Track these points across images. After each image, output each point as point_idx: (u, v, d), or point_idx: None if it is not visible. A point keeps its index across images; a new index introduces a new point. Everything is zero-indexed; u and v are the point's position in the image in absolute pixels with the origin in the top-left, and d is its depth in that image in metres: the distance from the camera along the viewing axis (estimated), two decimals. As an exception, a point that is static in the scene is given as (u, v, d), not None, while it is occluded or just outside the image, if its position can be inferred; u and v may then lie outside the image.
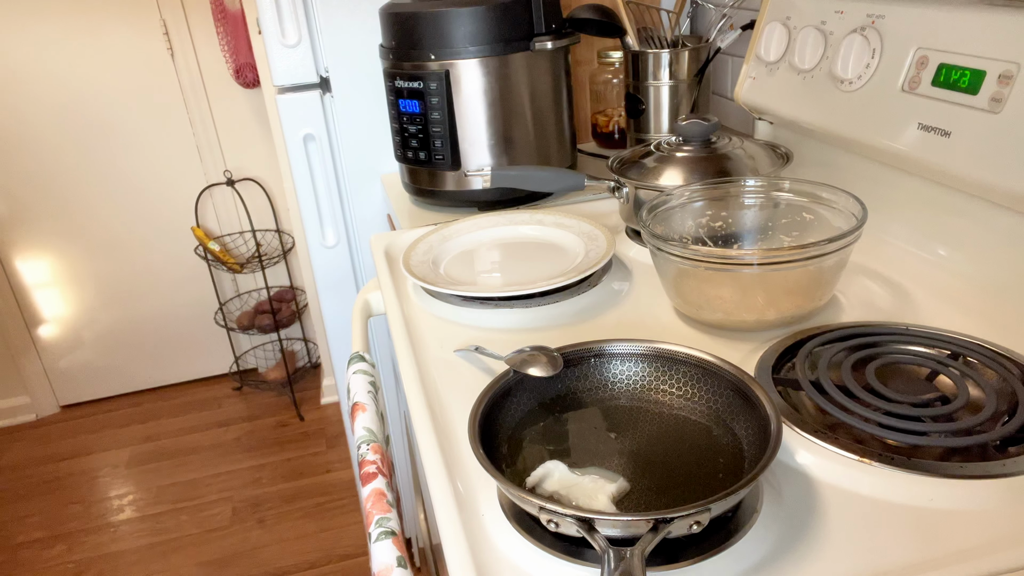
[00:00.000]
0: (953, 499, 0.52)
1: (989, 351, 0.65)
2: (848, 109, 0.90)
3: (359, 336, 0.93)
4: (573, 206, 1.13)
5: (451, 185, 1.15)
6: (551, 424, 0.61)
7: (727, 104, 1.34)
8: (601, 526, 0.46)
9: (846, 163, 0.96)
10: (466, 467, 0.60)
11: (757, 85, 1.08)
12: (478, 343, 0.75)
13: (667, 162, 0.94)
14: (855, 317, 0.76)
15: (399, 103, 1.12)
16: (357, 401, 0.78)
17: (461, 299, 0.86)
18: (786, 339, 0.71)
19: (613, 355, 0.65)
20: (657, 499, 0.52)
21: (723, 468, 0.55)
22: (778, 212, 0.85)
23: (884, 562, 0.48)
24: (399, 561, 0.55)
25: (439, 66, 1.07)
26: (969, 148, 0.73)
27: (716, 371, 0.60)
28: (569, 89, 1.19)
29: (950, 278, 0.80)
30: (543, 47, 1.09)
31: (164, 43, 2.39)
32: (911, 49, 0.82)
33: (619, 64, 1.40)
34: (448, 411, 0.68)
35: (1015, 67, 0.70)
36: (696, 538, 0.49)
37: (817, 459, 0.56)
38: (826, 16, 0.95)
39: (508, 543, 0.52)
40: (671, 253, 0.74)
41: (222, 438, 2.47)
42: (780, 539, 0.50)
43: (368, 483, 0.65)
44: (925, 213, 0.85)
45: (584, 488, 0.53)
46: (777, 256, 0.71)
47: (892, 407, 0.59)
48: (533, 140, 1.15)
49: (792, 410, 0.61)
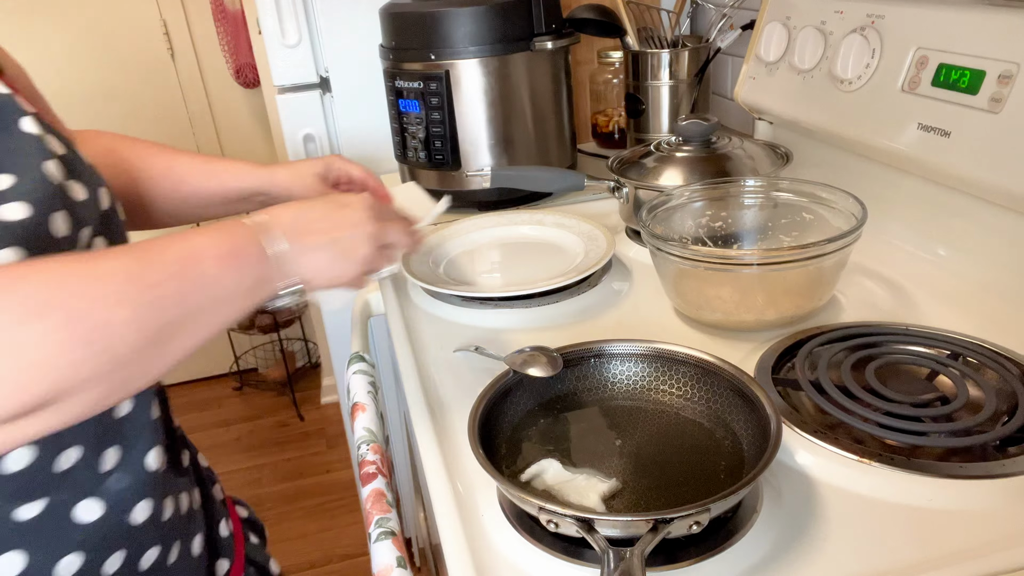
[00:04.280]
0: (952, 499, 0.52)
1: (989, 351, 0.65)
2: (848, 109, 0.90)
3: (359, 336, 0.93)
4: (573, 206, 1.13)
5: (451, 185, 1.15)
6: (551, 424, 0.61)
7: (727, 104, 1.34)
8: (601, 526, 0.46)
9: (846, 163, 0.96)
10: (466, 467, 0.60)
11: (757, 85, 1.08)
12: (478, 343, 0.75)
13: (667, 162, 0.94)
14: (855, 317, 0.76)
15: (399, 103, 1.12)
16: (357, 401, 0.78)
17: (461, 299, 0.86)
18: (786, 339, 0.71)
19: (613, 355, 0.65)
20: (657, 499, 0.52)
21: (723, 468, 0.55)
22: (778, 212, 0.85)
23: (883, 562, 0.48)
24: (399, 561, 0.55)
25: (439, 66, 1.07)
26: (969, 148, 0.73)
27: (716, 371, 0.60)
28: (569, 89, 1.19)
29: (950, 278, 0.80)
30: (543, 47, 1.09)
31: (164, 43, 2.39)
32: (911, 49, 0.82)
33: (619, 64, 1.40)
34: (448, 411, 0.68)
35: (1015, 67, 0.70)
36: (696, 538, 0.49)
37: (817, 459, 0.56)
38: (826, 16, 0.95)
39: (508, 543, 0.52)
40: (671, 253, 0.74)
41: (222, 438, 2.47)
42: (780, 539, 0.50)
43: (368, 483, 0.65)
44: (925, 213, 0.85)
45: (577, 486, 0.53)
46: (777, 256, 0.71)
47: (892, 407, 0.59)
48: (533, 140, 1.15)
49: (792, 410, 0.61)
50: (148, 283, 0.40)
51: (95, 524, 0.50)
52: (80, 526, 0.49)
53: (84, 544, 0.49)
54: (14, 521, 0.46)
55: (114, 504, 0.51)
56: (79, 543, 0.49)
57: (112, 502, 0.50)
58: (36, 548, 0.47)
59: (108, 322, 0.37)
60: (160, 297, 0.40)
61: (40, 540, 0.47)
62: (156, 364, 0.41)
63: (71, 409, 0.37)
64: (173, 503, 0.56)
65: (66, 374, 0.36)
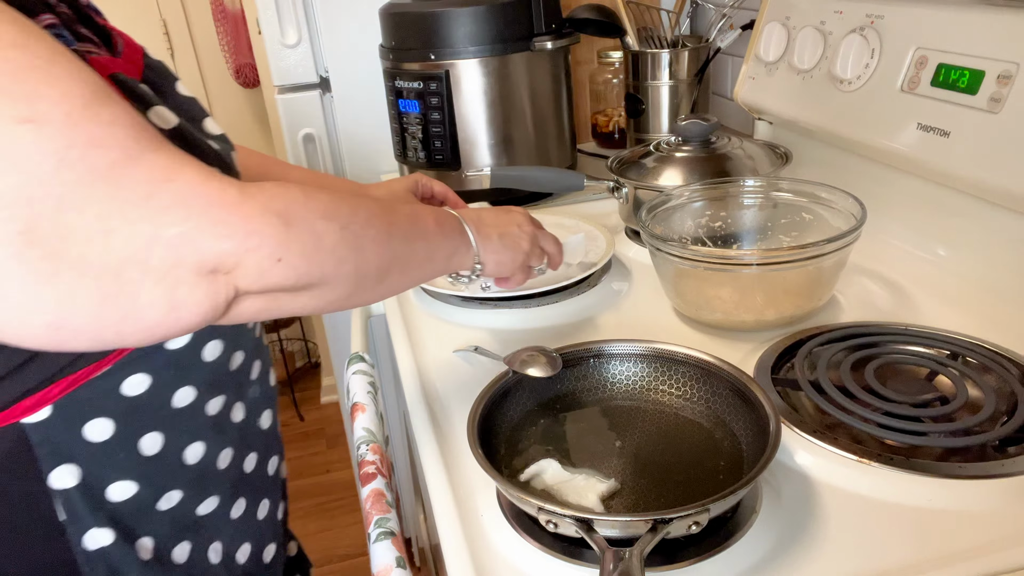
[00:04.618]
0: (952, 499, 0.52)
1: (988, 351, 0.65)
2: (847, 109, 0.90)
3: (359, 336, 0.93)
4: (573, 206, 1.13)
5: (451, 185, 1.14)
6: (550, 424, 0.61)
7: (727, 104, 1.34)
8: (600, 527, 0.46)
9: (845, 163, 0.96)
10: (465, 467, 0.60)
11: (757, 85, 1.08)
12: (477, 343, 0.75)
13: (667, 162, 0.94)
14: (854, 317, 0.76)
15: (399, 103, 1.12)
16: (357, 401, 0.78)
17: (460, 299, 0.86)
18: (785, 339, 0.71)
19: (612, 355, 0.65)
20: (656, 499, 0.52)
21: (722, 468, 0.55)
22: (777, 212, 0.85)
23: (883, 562, 0.48)
24: (399, 561, 0.55)
25: (439, 66, 1.07)
26: (968, 148, 0.73)
27: (715, 371, 0.60)
28: (569, 89, 1.19)
29: (950, 278, 0.80)
30: (543, 47, 1.09)
31: (164, 43, 2.39)
32: (910, 49, 0.82)
33: (619, 64, 1.40)
34: (447, 411, 0.68)
35: (1014, 67, 0.70)
36: (695, 538, 0.49)
37: (816, 459, 0.56)
38: (825, 16, 0.95)
39: (507, 543, 0.52)
40: (670, 253, 0.74)
41: (222, 438, 2.47)
42: (779, 539, 0.50)
43: (368, 483, 0.65)
44: (924, 213, 0.85)
45: (575, 486, 0.53)
46: (776, 256, 0.71)
47: (891, 407, 0.59)
48: (533, 140, 1.15)
49: (791, 410, 0.61)
50: (391, 220, 0.51)
51: (197, 465, 0.56)
52: (187, 466, 0.56)
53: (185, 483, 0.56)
54: (139, 454, 0.52)
55: (237, 449, 0.60)
56: (184, 481, 0.56)
57: (235, 447, 0.60)
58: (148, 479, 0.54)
59: (366, 236, 0.48)
60: (397, 233, 0.51)
61: (152, 473, 0.54)
62: (377, 290, 0.51)
63: (323, 296, 0.46)
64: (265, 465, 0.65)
65: (334, 265, 0.45)
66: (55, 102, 0.35)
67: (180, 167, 0.39)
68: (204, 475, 0.57)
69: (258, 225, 0.40)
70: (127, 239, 0.37)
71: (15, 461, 0.48)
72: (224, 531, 0.60)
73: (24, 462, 0.48)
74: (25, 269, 0.35)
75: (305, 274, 0.43)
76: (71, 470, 0.49)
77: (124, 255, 0.37)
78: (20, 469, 0.48)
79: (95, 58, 0.48)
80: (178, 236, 0.38)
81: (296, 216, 0.42)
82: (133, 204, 0.37)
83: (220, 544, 0.60)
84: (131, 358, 0.50)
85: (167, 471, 0.54)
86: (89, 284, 0.37)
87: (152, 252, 0.37)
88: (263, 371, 0.64)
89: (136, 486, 0.52)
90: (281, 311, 0.45)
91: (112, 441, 0.50)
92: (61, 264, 0.36)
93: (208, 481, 0.57)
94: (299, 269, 0.43)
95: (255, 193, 0.41)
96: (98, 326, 0.38)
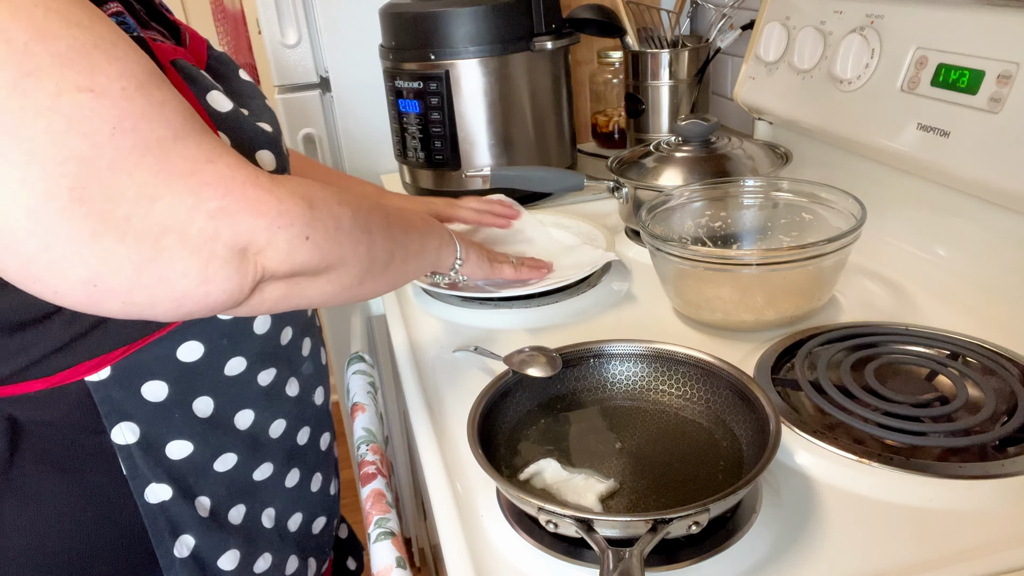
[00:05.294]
0: (952, 499, 0.52)
1: (988, 351, 0.65)
2: (847, 109, 0.90)
3: (359, 336, 0.94)
4: (573, 206, 1.13)
5: (451, 185, 1.15)
6: (550, 424, 0.61)
7: (727, 104, 1.34)
8: (600, 527, 0.46)
9: (845, 163, 0.96)
10: (465, 467, 0.60)
11: (757, 85, 1.08)
12: (478, 343, 0.75)
13: (667, 162, 0.94)
14: (854, 317, 0.76)
15: (399, 103, 1.12)
16: (357, 401, 0.78)
17: (461, 299, 0.86)
18: (785, 339, 0.71)
19: (612, 355, 0.65)
20: (656, 499, 0.52)
21: (722, 468, 0.55)
22: (777, 212, 0.85)
23: (883, 562, 0.48)
24: (399, 561, 0.55)
25: (439, 66, 1.07)
26: (968, 148, 0.73)
27: (715, 371, 0.60)
28: (569, 89, 1.19)
29: (949, 278, 0.80)
30: (543, 47, 1.09)
31: (164, 43, 2.39)
32: (910, 49, 0.82)
33: (619, 64, 1.40)
34: (447, 411, 0.68)
35: (1014, 67, 0.70)
36: (695, 538, 0.49)
37: (816, 459, 0.56)
38: (825, 16, 0.95)
39: (507, 543, 0.52)
40: (670, 253, 0.74)
41: (222, 438, 2.47)
42: (779, 539, 0.50)
43: (367, 483, 0.65)
44: (924, 213, 0.85)
45: (575, 485, 0.53)
46: (776, 256, 0.71)
47: (891, 407, 0.59)
48: (533, 140, 1.15)
49: (791, 410, 0.61)
50: (386, 211, 0.56)
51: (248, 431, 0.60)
52: (239, 432, 0.59)
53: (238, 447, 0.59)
54: (194, 415, 0.56)
55: (291, 420, 0.64)
56: (237, 446, 0.59)
57: (288, 418, 0.64)
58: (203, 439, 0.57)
59: (372, 222, 0.52)
60: (395, 223, 0.57)
61: (207, 436, 0.57)
62: (382, 277, 0.55)
63: (340, 280, 0.49)
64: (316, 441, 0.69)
65: (352, 246, 0.49)
66: (113, 78, 0.38)
67: (221, 152, 0.42)
68: (257, 441, 0.60)
69: (289, 205, 0.43)
70: (170, 207, 0.39)
71: (82, 416, 0.52)
72: (278, 498, 0.64)
73: (90, 418, 0.52)
74: (72, 224, 0.37)
75: (327, 254, 0.47)
76: (131, 427, 0.53)
77: (166, 222, 0.39)
78: (88, 424, 0.52)
79: (159, 44, 0.51)
80: (218, 209, 0.41)
81: (318, 200, 0.46)
82: (178, 176, 0.40)
83: (273, 510, 0.63)
84: (187, 326, 0.53)
85: (220, 434, 0.57)
86: (130, 246, 0.39)
87: (192, 223, 0.40)
88: (314, 349, 0.67)
89: (191, 446, 0.56)
90: (300, 298, 0.48)
91: (167, 402, 0.54)
92: (106, 224, 0.38)
93: (262, 448, 0.61)
94: (323, 248, 0.46)
95: (282, 181, 0.44)
96: (132, 287, 0.40)
